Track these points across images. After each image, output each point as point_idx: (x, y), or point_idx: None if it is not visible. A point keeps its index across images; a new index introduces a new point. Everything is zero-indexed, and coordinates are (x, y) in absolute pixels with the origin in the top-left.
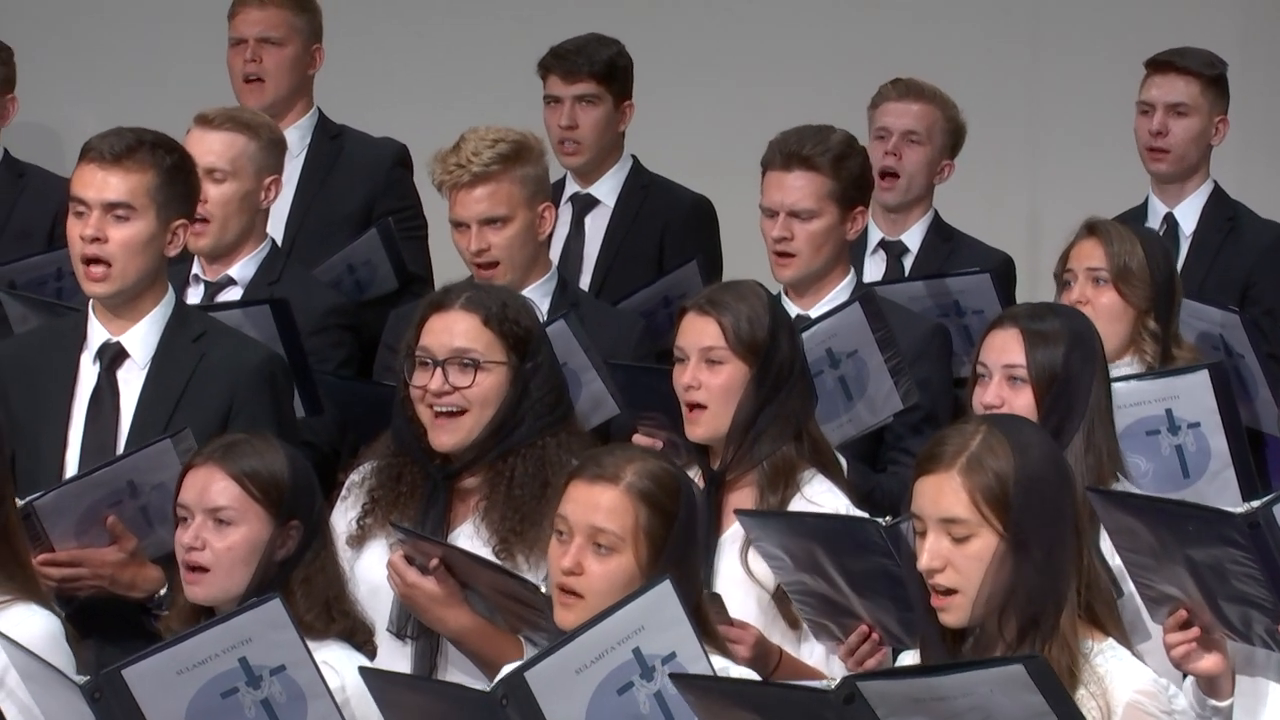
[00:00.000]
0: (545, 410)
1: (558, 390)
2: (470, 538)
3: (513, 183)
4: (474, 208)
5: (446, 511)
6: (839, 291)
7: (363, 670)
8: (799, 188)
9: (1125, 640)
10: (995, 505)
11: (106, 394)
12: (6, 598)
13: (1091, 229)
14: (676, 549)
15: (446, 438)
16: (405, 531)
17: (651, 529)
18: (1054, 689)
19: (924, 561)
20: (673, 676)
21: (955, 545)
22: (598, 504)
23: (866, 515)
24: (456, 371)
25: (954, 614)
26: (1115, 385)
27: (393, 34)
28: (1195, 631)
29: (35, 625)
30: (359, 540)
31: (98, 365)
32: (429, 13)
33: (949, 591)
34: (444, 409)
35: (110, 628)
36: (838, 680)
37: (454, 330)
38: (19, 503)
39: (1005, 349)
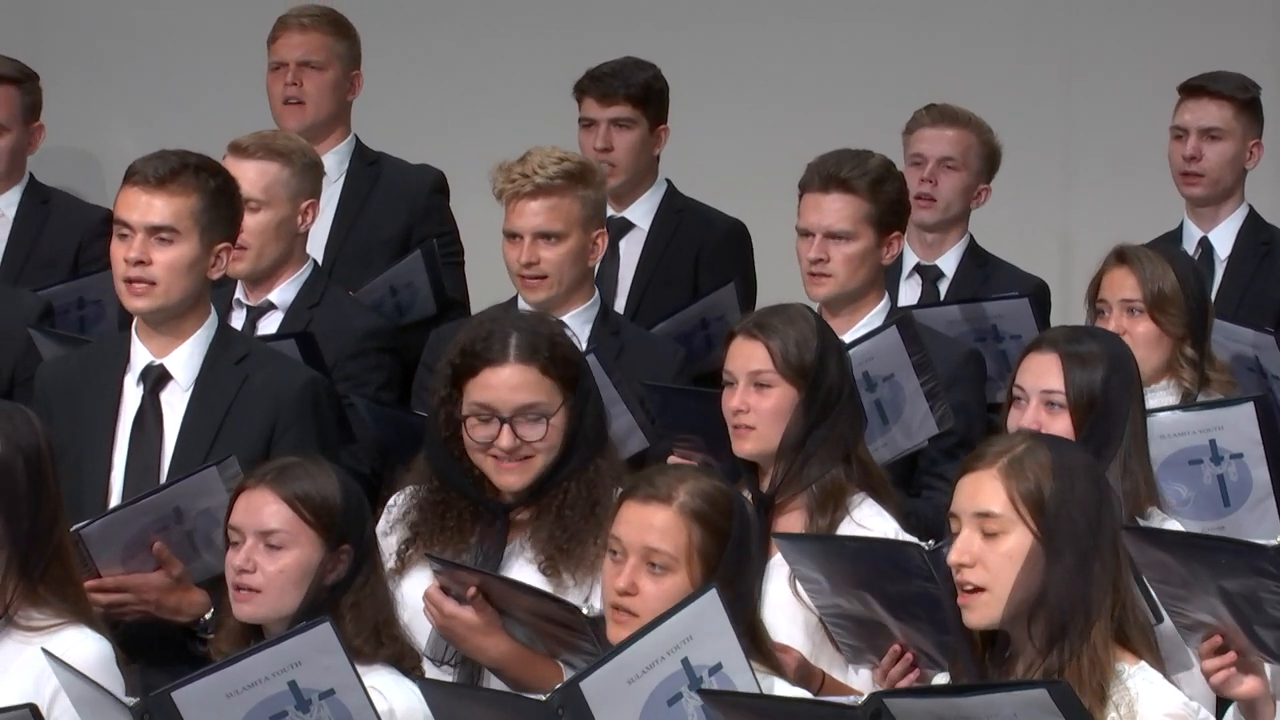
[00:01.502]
0: (595, 435)
1: (602, 413)
2: (516, 556)
3: (573, 200)
4: (531, 219)
5: (503, 543)
6: (873, 316)
7: (421, 683)
8: (836, 210)
9: (1159, 664)
10: (1031, 505)
11: (150, 416)
12: (59, 621)
13: (1121, 257)
14: (730, 567)
15: (515, 479)
16: (441, 562)
17: (705, 548)
18: (1077, 714)
19: (953, 556)
20: (701, 693)
21: (987, 543)
22: (651, 524)
23: (909, 539)
24: (525, 425)
25: (979, 612)
26: (1159, 416)
27: (428, 60)
28: (1232, 656)
29: (87, 648)
30: (400, 571)
31: (141, 387)
32: (464, 38)
33: (976, 590)
34: (513, 459)
35: (156, 652)
36: (865, 696)
37: (515, 385)
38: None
39: (1043, 373)
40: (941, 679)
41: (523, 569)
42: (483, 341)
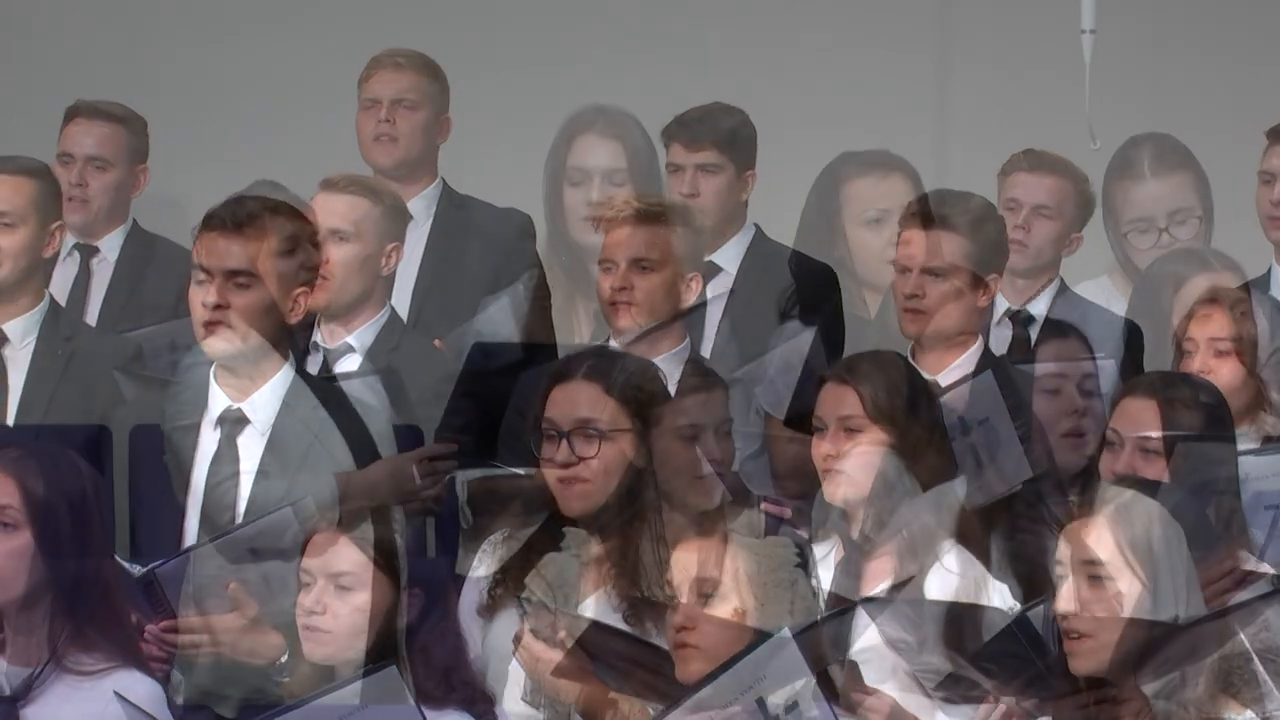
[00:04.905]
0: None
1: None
2: (600, 604)
3: (671, 233)
4: (629, 245)
5: (576, 579)
6: (966, 359)
7: None
8: (934, 246)
9: (1264, 715)
10: (1139, 554)
11: (227, 459)
12: (109, 664)
13: (1212, 297)
14: None
15: (575, 504)
16: (531, 604)
17: None
18: None
19: (1060, 603)
20: None
21: (1094, 590)
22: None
23: (991, 603)
24: (581, 441)
25: (1085, 659)
26: None
27: (512, 104)
28: None
29: (138, 691)
30: (490, 610)
31: (219, 431)
32: (548, 83)
33: (1083, 637)
34: (571, 478)
35: (231, 694)
36: None
37: (577, 401)
38: (140, 570)
39: (1139, 419)
40: None
41: (607, 618)
42: (563, 364)
